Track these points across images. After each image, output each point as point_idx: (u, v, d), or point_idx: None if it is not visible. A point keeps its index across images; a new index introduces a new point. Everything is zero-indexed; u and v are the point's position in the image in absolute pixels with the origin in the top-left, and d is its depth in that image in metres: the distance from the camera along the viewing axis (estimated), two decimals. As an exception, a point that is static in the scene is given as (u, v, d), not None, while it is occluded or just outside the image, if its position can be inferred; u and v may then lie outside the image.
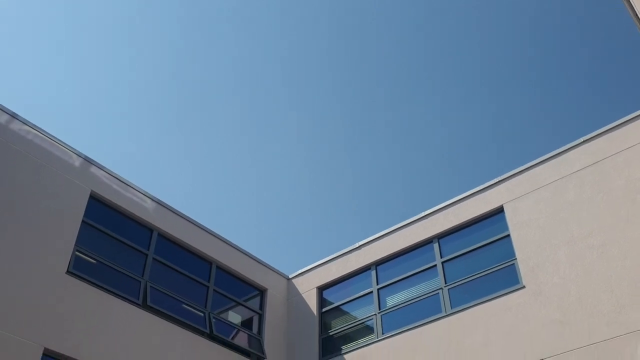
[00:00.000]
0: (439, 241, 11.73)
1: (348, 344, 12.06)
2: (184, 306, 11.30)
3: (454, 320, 10.49)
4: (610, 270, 9.09)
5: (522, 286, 9.95)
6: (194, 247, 12.07)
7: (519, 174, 11.05)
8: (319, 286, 13.29)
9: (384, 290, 12.18)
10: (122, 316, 10.02)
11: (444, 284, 11.12)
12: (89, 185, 10.56)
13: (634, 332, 8.42)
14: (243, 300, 12.81)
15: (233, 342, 11.84)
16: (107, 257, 10.42)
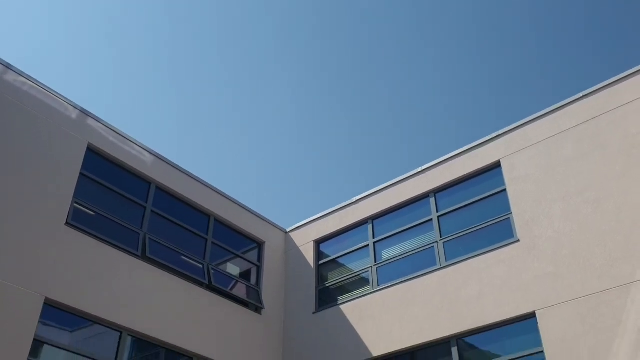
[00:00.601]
0: (435, 196, 11.81)
1: (344, 295, 12.29)
2: (183, 258, 11.45)
3: (449, 273, 10.67)
4: (604, 225, 9.21)
5: (516, 240, 10.09)
6: (192, 200, 12.13)
7: (516, 129, 11.05)
8: (316, 240, 13.44)
9: (380, 244, 12.34)
10: (121, 267, 10.16)
11: (439, 238, 11.26)
12: (86, 138, 10.54)
13: (625, 285, 8.59)
14: (241, 253, 12.98)
15: (232, 293, 12.05)
16: (105, 209, 10.49)
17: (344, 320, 11.77)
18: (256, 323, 12.21)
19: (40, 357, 8.71)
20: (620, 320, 8.42)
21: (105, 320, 9.58)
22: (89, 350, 9.29)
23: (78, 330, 9.43)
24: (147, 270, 10.57)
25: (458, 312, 10.19)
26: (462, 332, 10.04)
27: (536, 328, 9.24)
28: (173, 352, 10.51)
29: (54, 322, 9.02)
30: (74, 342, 9.24)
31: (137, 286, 10.26)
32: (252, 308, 12.39)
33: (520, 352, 9.35)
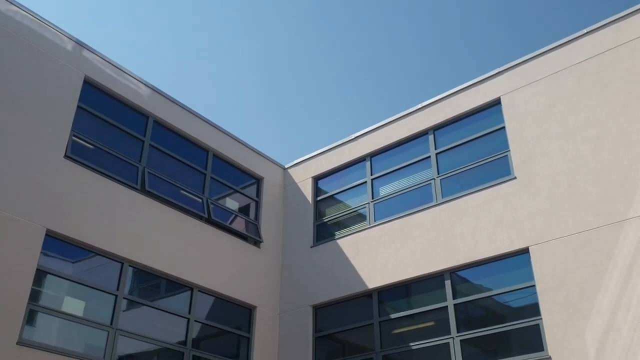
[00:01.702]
0: (434, 133, 11.79)
1: (341, 230, 12.48)
2: (182, 192, 11.55)
3: (444, 209, 10.80)
4: (601, 163, 9.24)
5: (513, 177, 10.15)
6: (190, 135, 12.12)
7: (518, 66, 10.92)
8: (314, 176, 13.51)
9: (377, 181, 12.42)
10: (121, 200, 10.26)
11: (437, 175, 11.32)
12: (82, 70, 10.41)
13: (618, 222, 8.72)
14: (240, 188, 13.07)
15: (231, 227, 12.22)
16: (103, 142, 10.49)
17: (341, 254, 12.00)
18: (255, 256, 12.45)
19: (44, 287, 8.92)
20: (612, 256, 8.59)
21: (106, 252, 9.75)
22: (91, 280, 9.50)
23: (80, 261, 9.62)
24: (146, 203, 10.68)
25: (452, 247, 10.38)
26: (455, 266, 10.26)
27: (529, 263, 9.44)
28: (173, 283, 10.76)
29: (55, 253, 9.19)
30: (76, 272, 9.45)
31: (137, 219, 10.39)
32: (250, 242, 12.60)
33: (511, 286, 9.59)
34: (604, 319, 8.32)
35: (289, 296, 12.50)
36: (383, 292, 11.21)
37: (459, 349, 9.66)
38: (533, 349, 8.92)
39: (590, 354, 8.26)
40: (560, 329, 8.65)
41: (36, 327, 8.69)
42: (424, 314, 10.51)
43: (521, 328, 9.23)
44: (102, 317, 9.42)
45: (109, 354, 9.23)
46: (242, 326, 11.77)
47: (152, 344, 10.06)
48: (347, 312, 11.61)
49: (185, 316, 10.70)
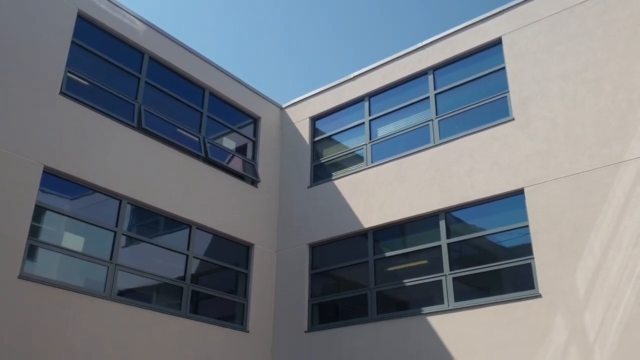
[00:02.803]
0: (433, 73, 11.67)
1: (338, 171, 12.53)
2: (179, 130, 11.51)
3: (442, 150, 10.82)
4: (600, 105, 9.21)
5: (511, 118, 10.12)
6: (186, 72, 11.97)
7: (520, 5, 10.69)
8: (312, 116, 13.45)
9: (375, 122, 12.37)
10: (118, 137, 10.23)
11: (435, 116, 11.28)
12: (75, 4, 10.16)
13: (614, 165, 8.76)
14: (237, 128, 13.03)
15: (228, 166, 12.25)
16: (99, 79, 10.37)
17: (338, 195, 12.09)
18: (252, 196, 12.54)
19: (43, 223, 9.02)
20: (606, 198, 8.68)
21: (104, 189, 9.81)
22: (90, 217, 9.60)
23: (78, 198, 9.69)
24: (143, 141, 10.66)
25: (448, 187, 10.46)
26: (451, 207, 10.38)
27: (523, 204, 9.54)
28: (172, 220, 10.88)
29: (54, 190, 9.24)
30: (74, 209, 9.53)
31: (134, 156, 10.40)
32: (248, 181, 12.66)
33: (505, 226, 9.73)
34: (595, 259, 8.50)
35: (286, 235, 12.67)
36: (378, 232, 11.38)
37: (451, 287, 9.89)
38: (524, 287, 9.13)
39: (579, 292, 8.47)
40: (551, 268, 8.84)
41: (37, 262, 8.84)
42: (417, 253, 10.71)
43: (513, 267, 9.42)
44: (102, 253, 9.58)
45: (109, 289, 9.43)
46: (240, 263, 11.99)
47: (152, 279, 10.27)
48: (342, 251, 11.82)
49: (184, 252, 10.88)
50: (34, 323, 8.26)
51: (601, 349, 8.03)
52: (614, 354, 7.91)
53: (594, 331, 8.17)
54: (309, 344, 11.27)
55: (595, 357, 8.05)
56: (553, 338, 8.49)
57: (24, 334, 8.11)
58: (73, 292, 8.87)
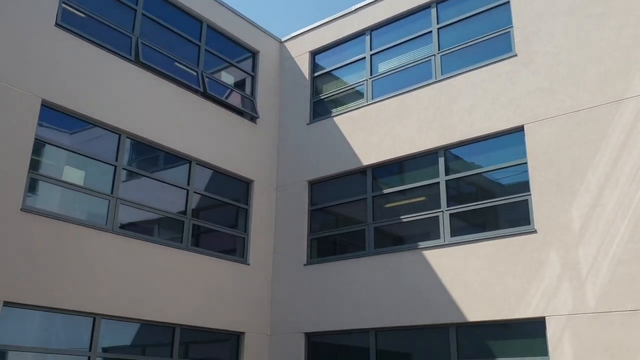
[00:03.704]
0: (437, 6, 11.40)
1: (338, 108, 12.45)
2: (177, 64, 11.35)
3: (443, 86, 10.72)
4: (604, 41, 9.06)
5: (514, 54, 9.98)
6: (184, 4, 11.69)
7: None
8: (312, 51, 13.24)
9: (376, 57, 12.19)
10: (115, 70, 10.11)
11: (437, 51, 11.11)
12: None
13: (615, 102, 8.71)
14: (235, 62, 12.84)
15: (226, 102, 12.16)
16: (95, 10, 10.13)
17: (337, 131, 12.07)
18: (251, 131, 12.52)
19: (43, 157, 9.03)
20: (605, 135, 8.68)
21: (103, 123, 9.78)
22: (89, 151, 9.61)
23: (77, 132, 9.66)
24: (141, 75, 10.54)
25: (449, 124, 10.43)
26: (450, 144, 10.38)
27: (523, 141, 9.54)
28: (171, 155, 10.90)
29: (52, 124, 9.20)
30: (74, 143, 9.52)
31: (132, 90, 10.31)
32: (247, 117, 12.60)
33: (503, 163, 9.77)
34: (591, 196, 8.58)
35: (285, 171, 12.73)
36: (377, 169, 11.42)
37: (448, 222, 10.03)
38: (520, 223, 9.27)
39: (574, 228, 8.61)
40: (547, 204, 8.94)
41: (38, 196, 8.92)
42: (415, 190, 10.80)
43: (510, 203, 9.53)
44: (103, 187, 9.65)
45: (111, 222, 9.55)
46: (240, 198, 12.10)
47: (153, 213, 10.39)
48: (341, 188, 11.91)
49: (184, 187, 10.96)
50: (36, 254, 8.42)
51: (593, 283, 8.24)
52: (606, 288, 8.11)
53: (587, 266, 8.36)
54: (307, 276, 11.54)
55: (587, 290, 8.26)
56: (546, 272, 8.69)
57: (26, 265, 8.29)
58: (75, 225, 8.99)
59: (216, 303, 10.82)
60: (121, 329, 9.48)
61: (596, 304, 8.13)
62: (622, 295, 7.95)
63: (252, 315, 11.44)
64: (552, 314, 8.48)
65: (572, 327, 8.24)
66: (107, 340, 9.23)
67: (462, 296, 9.43)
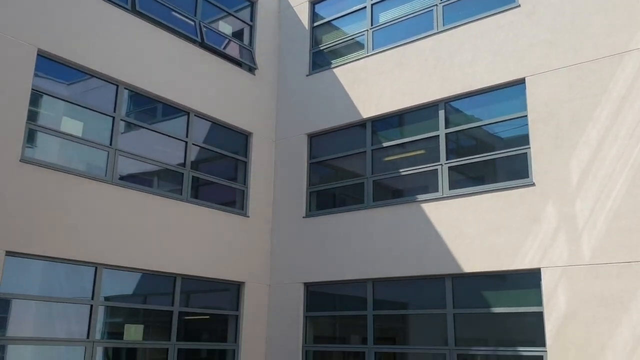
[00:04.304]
0: (439, -45, 11.13)
1: (338, 59, 12.30)
2: (174, 14, 11.14)
3: (445, 37, 10.56)
4: (610, -9, 8.89)
5: (517, 5, 9.80)
6: (180, -49, 11.40)
7: None
8: (312, 0, 12.97)
9: (377, 6, 11.96)
10: (112, 20, 9.93)
11: (439, 1, 10.89)
12: None
13: (618, 54, 8.61)
14: (233, 12, 12.60)
15: (225, 52, 11.99)
16: (89, -43, 9.89)
17: (337, 83, 11.95)
18: (250, 82, 12.40)
19: (41, 108, 8.97)
20: (607, 89, 8.61)
21: (100, 73, 9.67)
22: (87, 102, 9.54)
23: (75, 83, 9.56)
24: (138, 24, 10.36)
25: (450, 76, 10.33)
26: (450, 96, 10.31)
27: (523, 94, 9.47)
28: (169, 107, 10.83)
29: (49, 74, 9.10)
30: (71, 94, 9.43)
31: (129, 40, 10.15)
32: (245, 68, 12.46)
33: (503, 116, 9.72)
34: (590, 149, 8.58)
35: (284, 124, 12.67)
36: (377, 122, 11.37)
37: (447, 176, 10.06)
38: (518, 176, 9.30)
39: (572, 181, 8.64)
40: (546, 157, 8.95)
41: (37, 147, 8.90)
42: (415, 143, 10.78)
43: (508, 157, 9.54)
44: (101, 138, 9.62)
45: (110, 173, 9.57)
46: (239, 151, 12.10)
47: (152, 165, 10.40)
48: (340, 141, 11.88)
49: (183, 139, 10.94)
50: (37, 205, 8.47)
51: (589, 235, 8.33)
52: (601, 240, 8.21)
53: (583, 219, 8.43)
54: (307, 228, 11.65)
55: (583, 242, 8.36)
56: (543, 225, 8.78)
57: (27, 215, 8.34)
58: (74, 176, 9.01)
59: (216, 254, 10.96)
60: (123, 278, 9.63)
61: (591, 256, 8.25)
62: (617, 247, 8.06)
63: (252, 266, 11.61)
64: (547, 265, 8.61)
65: (567, 278, 8.38)
66: (109, 289, 9.38)
67: (458, 248, 9.55)
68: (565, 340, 8.21)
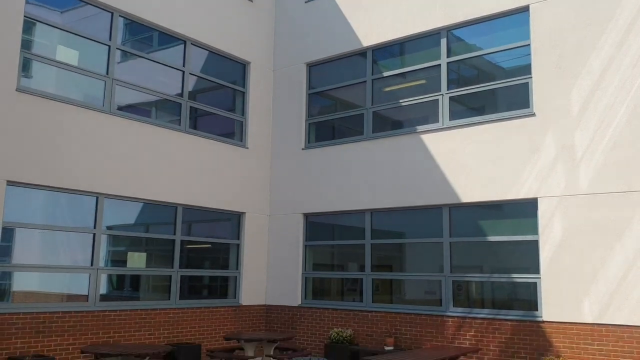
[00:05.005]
0: None
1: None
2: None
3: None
4: None
5: None
6: None
7: None
8: None
9: None
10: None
11: None
12: None
13: (626, -21, 8.36)
14: None
15: (221, -21, 11.65)
16: None
17: (337, 10, 11.67)
18: (248, 10, 12.11)
19: (34, 36, 8.79)
20: (613, 17, 8.41)
21: (94, 0, 9.43)
22: (82, 30, 9.33)
23: (68, 10, 9.33)
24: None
25: (453, 3, 10.06)
26: (453, 24, 10.08)
27: (527, 22, 9.26)
28: (166, 35, 10.62)
29: (41, 1, 8.86)
30: (65, 22, 9.22)
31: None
32: None
33: (506, 45, 9.55)
34: (592, 79, 8.48)
35: (282, 53, 12.46)
36: (378, 51, 11.18)
37: (447, 106, 9.99)
38: (519, 107, 9.24)
39: (573, 111, 8.59)
40: (548, 87, 8.86)
41: (33, 76, 8.78)
42: (416, 73, 10.64)
43: (510, 86, 9.43)
44: (98, 67, 9.49)
45: (108, 103, 9.50)
46: (237, 81, 11.96)
47: (150, 95, 10.30)
48: (340, 70, 11.72)
49: (180, 69, 10.79)
50: (35, 135, 8.45)
51: (587, 166, 8.36)
52: (599, 170, 8.25)
53: (582, 149, 8.44)
54: (306, 160, 11.69)
55: (580, 172, 8.41)
56: (542, 155, 8.80)
57: (26, 145, 8.34)
58: (72, 106, 8.95)
59: (216, 184, 11.04)
60: (124, 208, 9.74)
61: (588, 186, 8.31)
62: (614, 177, 8.11)
63: (251, 196, 11.72)
64: (544, 195, 8.69)
65: (564, 207, 8.48)
66: (111, 219, 9.51)
67: (457, 179, 9.61)
68: (559, 268, 8.41)
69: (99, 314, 8.95)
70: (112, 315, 9.12)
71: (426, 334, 9.61)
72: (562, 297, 8.32)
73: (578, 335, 8.15)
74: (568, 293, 8.28)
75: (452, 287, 9.58)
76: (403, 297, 10.33)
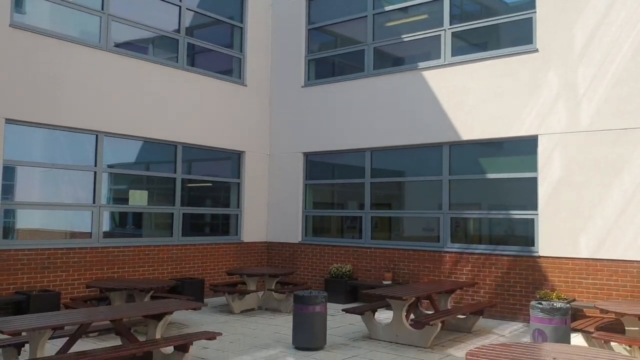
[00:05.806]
0: None
1: None
2: None
3: None
4: None
5: None
6: None
7: None
8: None
9: None
10: None
11: None
12: None
13: None
14: None
15: None
16: None
17: (337, -58, 11.30)
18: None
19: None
20: (622, -53, 8.16)
21: None
22: None
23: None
24: None
25: None
26: (457, -43, 9.79)
27: (533, -47, 8.99)
28: (161, -31, 10.33)
29: None
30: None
31: None
32: None
33: (512, -22, 9.31)
34: (597, 14, 8.30)
35: (281, -13, 12.15)
36: (378, -16, 10.90)
37: (449, 42, 9.82)
38: (522, 43, 9.08)
39: (576, 47, 8.45)
40: (552, 22, 8.68)
41: (28, 12, 8.58)
42: (418, 7, 10.40)
43: (514, 22, 9.24)
44: (92, 3, 9.26)
45: (104, 40, 9.33)
46: (235, 17, 11.70)
47: (146, 31, 10.10)
48: (340, 4, 11.45)
49: (177, 4, 10.54)
50: (31, 72, 8.34)
51: (588, 103, 8.30)
52: (600, 108, 8.20)
53: (584, 85, 8.36)
54: (306, 97, 11.59)
55: (582, 109, 8.36)
56: (543, 91, 8.72)
57: (23, 82, 8.25)
58: (67, 42, 8.79)
59: (215, 123, 10.99)
60: (124, 146, 9.73)
61: (590, 123, 8.28)
62: (615, 114, 8.07)
63: (251, 135, 11.69)
64: (545, 132, 8.67)
65: (564, 144, 8.48)
66: (112, 157, 9.52)
67: (458, 116, 9.56)
68: (557, 204, 8.48)
69: (103, 250, 9.10)
70: (116, 251, 9.28)
71: (424, 269, 9.81)
72: (559, 233, 8.44)
73: (573, 270, 8.32)
74: (565, 229, 8.39)
75: (451, 223, 9.70)
76: (401, 234, 10.48)
